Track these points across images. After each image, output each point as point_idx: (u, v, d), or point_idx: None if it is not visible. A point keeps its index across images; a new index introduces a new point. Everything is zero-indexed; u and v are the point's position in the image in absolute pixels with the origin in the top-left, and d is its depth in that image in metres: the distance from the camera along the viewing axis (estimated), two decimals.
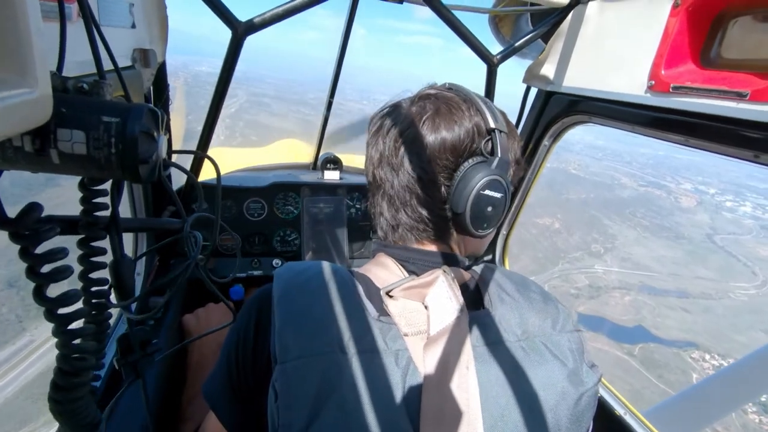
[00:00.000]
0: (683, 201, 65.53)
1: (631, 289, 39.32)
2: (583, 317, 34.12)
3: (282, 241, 1.61)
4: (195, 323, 1.21)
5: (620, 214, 55.76)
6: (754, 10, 0.81)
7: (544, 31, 1.24)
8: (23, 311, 4.39)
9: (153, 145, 0.43)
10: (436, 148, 0.64)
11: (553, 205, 52.46)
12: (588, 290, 37.94)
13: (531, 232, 45.63)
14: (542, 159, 1.48)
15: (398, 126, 0.67)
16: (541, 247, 43.45)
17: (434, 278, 0.62)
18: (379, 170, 0.69)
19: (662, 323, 34.44)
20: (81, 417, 0.52)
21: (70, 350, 0.48)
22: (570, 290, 37.47)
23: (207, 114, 1.16)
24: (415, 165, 0.65)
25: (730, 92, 0.80)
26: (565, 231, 47.71)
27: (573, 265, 41.56)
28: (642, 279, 41.32)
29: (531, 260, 40.91)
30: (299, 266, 0.65)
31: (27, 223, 0.42)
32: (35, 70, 0.32)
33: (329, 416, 0.50)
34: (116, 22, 0.81)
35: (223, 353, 0.64)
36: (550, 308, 0.66)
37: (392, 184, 0.68)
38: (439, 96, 0.68)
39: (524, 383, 0.57)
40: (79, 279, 0.51)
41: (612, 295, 37.90)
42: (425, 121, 0.65)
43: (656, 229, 53.57)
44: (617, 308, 35.98)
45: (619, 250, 46.58)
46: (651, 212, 58.59)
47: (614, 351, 27.87)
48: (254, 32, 1.02)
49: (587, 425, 0.61)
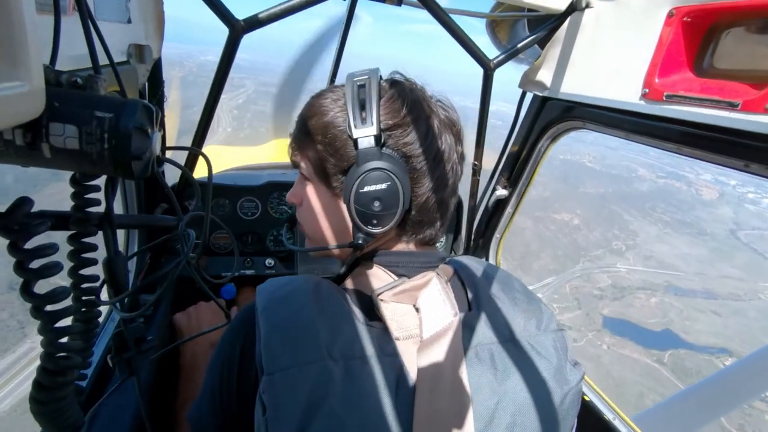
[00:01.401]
0: (704, 193, 63.23)
1: (656, 289, 38.03)
2: (609, 321, 32.98)
3: (275, 240, 1.60)
4: (186, 322, 1.19)
5: (640, 209, 54.11)
6: (747, 22, 0.83)
7: (540, 37, 1.25)
8: (25, 316, 4.22)
9: (146, 141, 0.43)
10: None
11: (570, 199, 51.05)
12: (611, 291, 36.75)
13: (549, 229, 44.40)
14: (536, 164, 1.49)
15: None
16: (561, 244, 42.22)
17: (427, 280, 0.62)
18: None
19: (691, 327, 33.31)
20: (63, 418, 0.50)
21: (56, 348, 0.47)
22: (593, 291, 36.29)
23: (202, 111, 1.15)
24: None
25: (722, 102, 0.81)
26: (585, 227, 46.33)
27: (594, 264, 40.36)
28: (667, 279, 39.98)
29: (551, 258, 39.84)
30: (282, 280, 0.64)
31: (17, 217, 0.41)
32: (28, 62, 0.32)
33: (320, 426, 0.49)
34: (112, 16, 0.80)
35: (207, 380, 0.62)
36: (534, 308, 0.66)
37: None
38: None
39: (512, 384, 0.57)
40: (69, 276, 0.50)
41: (637, 296, 36.67)
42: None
43: (678, 225, 51.96)
44: (643, 310, 34.91)
45: (641, 247, 45.07)
46: (672, 207, 56.93)
47: (644, 358, 26.82)
48: (252, 31, 1.01)
49: (572, 423, 0.62)
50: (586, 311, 34.15)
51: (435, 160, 0.65)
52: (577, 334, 31.08)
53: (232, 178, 1.61)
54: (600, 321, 33.29)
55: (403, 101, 0.63)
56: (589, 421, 1.23)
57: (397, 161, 0.61)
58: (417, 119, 0.64)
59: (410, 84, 0.68)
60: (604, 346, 30.06)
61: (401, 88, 0.65)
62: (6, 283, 4.43)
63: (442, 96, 0.71)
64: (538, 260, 39.63)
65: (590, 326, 32.69)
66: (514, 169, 1.53)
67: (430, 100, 0.68)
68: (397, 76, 0.69)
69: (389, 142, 0.62)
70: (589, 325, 32.79)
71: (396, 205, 0.61)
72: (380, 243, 0.69)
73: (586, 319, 33.56)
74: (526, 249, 41.14)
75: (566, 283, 36.89)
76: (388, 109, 0.63)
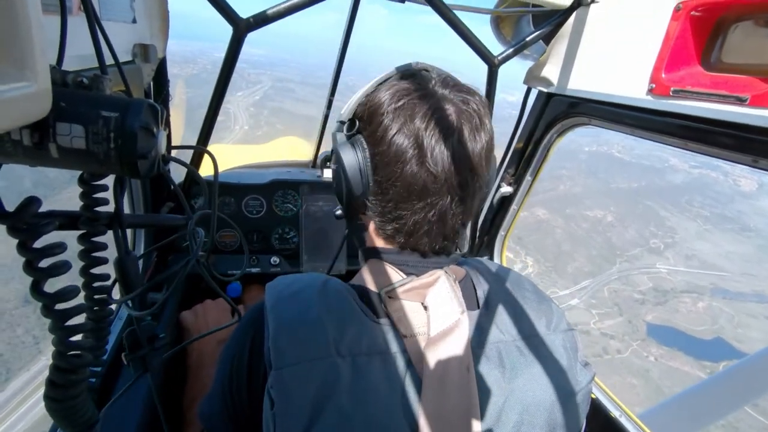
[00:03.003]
0: (743, 184, 58.94)
1: (702, 292, 35.09)
2: (654, 328, 30.44)
3: (281, 238, 1.61)
4: (193, 320, 1.20)
5: (676, 203, 50.84)
6: (755, 15, 0.81)
7: (545, 33, 1.24)
8: (40, 332, 4.11)
9: (152, 140, 0.43)
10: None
11: (602, 195, 48.16)
12: (654, 294, 34.14)
13: (582, 227, 41.76)
14: (542, 160, 1.48)
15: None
16: (595, 243, 39.71)
17: (435, 278, 0.62)
18: None
19: (744, 335, 30.77)
20: (78, 415, 0.51)
21: (67, 347, 0.48)
22: (633, 294, 33.72)
23: (207, 109, 1.16)
24: None
25: (730, 96, 0.80)
26: (619, 224, 43.47)
27: (632, 265, 37.63)
28: (713, 280, 36.99)
29: (586, 260, 37.27)
30: (290, 278, 0.65)
31: (25, 217, 0.41)
32: (35, 63, 0.32)
33: (327, 422, 0.49)
34: (117, 16, 0.80)
35: (217, 377, 0.63)
36: (544, 307, 0.66)
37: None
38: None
39: (520, 383, 0.57)
40: (79, 275, 0.51)
41: (682, 300, 33.97)
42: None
43: (719, 220, 48.41)
44: (690, 317, 32.13)
45: (681, 245, 42.16)
46: (710, 200, 52.99)
47: (695, 371, 24.42)
48: (256, 29, 1.01)
49: (581, 424, 0.62)
50: (628, 318, 31.83)
51: (395, 159, 0.60)
52: (620, 344, 29.07)
53: (236, 176, 1.62)
54: (644, 329, 31.13)
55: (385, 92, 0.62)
56: (595, 419, 1.22)
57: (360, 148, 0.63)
58: (379, 115, 0.61)
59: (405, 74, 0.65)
60: (651, 358, 27.88)
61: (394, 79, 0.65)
62: (21, 296, 4.37)
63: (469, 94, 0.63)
64: (572, 261, 37.44)
65: (634, 335, 30.44)
66: (519, 166, 1.52)
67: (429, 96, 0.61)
68: (404, 67, 0.68)
69: (362, 131, 0.64)
70: (633, 334, 30.50)
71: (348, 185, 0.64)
72: (380, 241, 0.67)
73: (629, 327, 31.29)
74: (558, 249, 38.99)
75: (604, 286, 34.57)
76: (364, 100, 0.65)
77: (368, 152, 0.62)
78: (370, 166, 0.62)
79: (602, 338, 29.41)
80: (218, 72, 1.09)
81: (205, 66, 52.27)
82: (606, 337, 29.10)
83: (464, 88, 0.63)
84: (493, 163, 0.69)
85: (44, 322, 0.45)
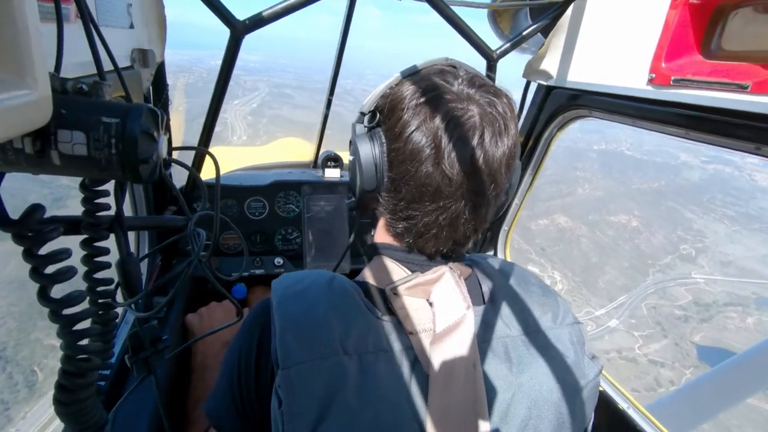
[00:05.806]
0: (759, 179, 55.11)
1: (746, 304, 30.93)
2: (704, 351, 26.60)
3: (283, 239, 1.61)
4: (198, 323, 1.21)
5: (699, 203, 47.28)
6: (755, 2, 0.81)
7: (543, 25, 1.23)
8: (10, 395, 3.51)
9: (153, 144, 0.43)
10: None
11: (624, 198, 45.24)
12: (696, 309, 30.06)
13: (607, 234, 38.44)
14: (543, 153, 1.47)
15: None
16: (624, 252, 36.20)
17: (440, 275, 0.61)
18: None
19: None
20: (87, 418, 0.52)
21: (75, 351, 0.49)
22: (674, 311, 29.77)
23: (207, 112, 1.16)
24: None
25: (731, 84, 0.79)
26: (645, 229, 40.11)
27: (666, 275, 34.00)
28: (755, 290, 32.90)
29: (617, 272, 33.30)
30: (297, 275, 0.65)
31: (29, 224, 0.42)
32: (34, 71, 0.32)
33: (335, 420, 0.49)
34: (114, 22, 0.81)
35: (224, 372, 0.63)
36: (550, 301, 0.66)
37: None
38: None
39: (527, 377, 0.57)
40: (83, 279, 0.51)
41: (727, 314, 29.90)
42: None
43: (745, 220, 44.20)
44: (741, 335, 27.99)
45: (713, 250, 38.28)
46: (731, 197, 49.28)
47: (763, 405, 20.38)
48: (253, 31, 1.02)
49: (589, 417, 0.62)
50: (674, 339, 27.77)
51: (409, 156, 0.58)
52: (672, 373, 24.98)
53: (238, 178, 1.62)
54: (694, 352, 27.06)
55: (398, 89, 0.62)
56: (603, 412, 1.22)
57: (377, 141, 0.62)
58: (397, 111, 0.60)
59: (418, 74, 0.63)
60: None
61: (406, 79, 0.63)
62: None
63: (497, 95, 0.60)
64: (602, 275, 33.66)
65: (685, 360, 26.30)
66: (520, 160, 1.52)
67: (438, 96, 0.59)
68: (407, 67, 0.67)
69: (381, 124, 0.63)
70: (684, 360, 26.40)
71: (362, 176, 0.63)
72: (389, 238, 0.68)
73: (676, 350, 27.15)
74: (586, 262, 35.06)
75: (641, 302, 30.72)
76: (387, 92, 0.63)
77: (385, 147, 0.60)
78: (386, 162, 0.61)
79: (652, 367, 25.58)
80: (215, 80, 1.10)
81: (201, 74, 51.14)
82: (656, 366, 25.72)
83: (492, 89, 0.60)
84: (516, 172, 0.66)
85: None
